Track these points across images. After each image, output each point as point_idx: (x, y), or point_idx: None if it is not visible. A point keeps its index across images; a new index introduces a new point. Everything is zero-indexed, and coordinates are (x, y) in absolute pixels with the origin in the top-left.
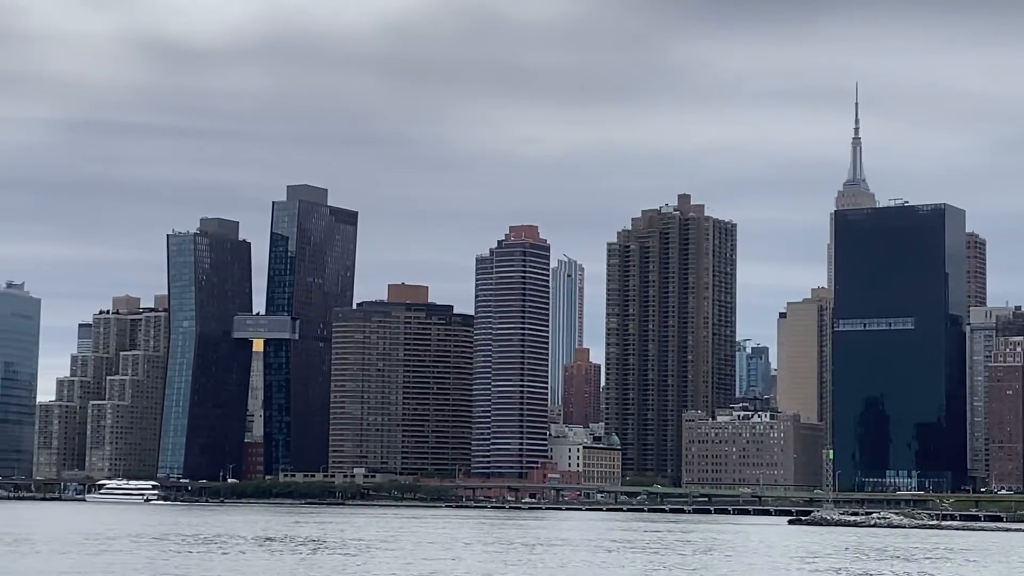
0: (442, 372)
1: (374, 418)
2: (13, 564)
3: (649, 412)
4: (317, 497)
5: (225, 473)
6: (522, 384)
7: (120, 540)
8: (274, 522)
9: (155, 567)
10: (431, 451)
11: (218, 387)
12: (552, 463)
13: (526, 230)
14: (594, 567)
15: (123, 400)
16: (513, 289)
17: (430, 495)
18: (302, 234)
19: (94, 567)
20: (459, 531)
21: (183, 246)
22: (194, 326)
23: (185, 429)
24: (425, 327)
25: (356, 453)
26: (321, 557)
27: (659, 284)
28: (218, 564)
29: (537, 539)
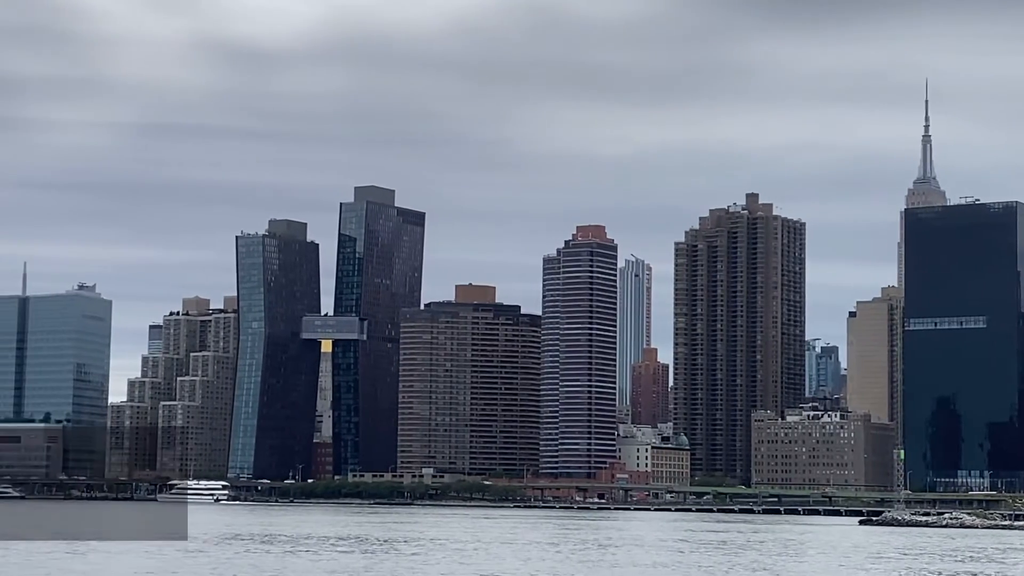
0: (510, 372)
1: (442, 418)
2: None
3: (718, 412)
4: (385, 497)
5: (294, 473)
6: (590, 384)
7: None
8: (345, 522)
9: (233, 567)
10: (499, 451)
11: (287, 388)
12: (620, 463)
13: (593, 230)
14: (667, 568)
15: (193, 401)
16: (580, 289)
17: (498, 495)
18: (370, 235)
19: (174, 567)
20: (531, 531)
21: (252, 248)
22: (263, 327)
23: (255, 430)
24: (493, 327)
25: (424, 453)
26: (394, 557)
27: (727, 283)
28: (295, 564)
29: (609, 539)
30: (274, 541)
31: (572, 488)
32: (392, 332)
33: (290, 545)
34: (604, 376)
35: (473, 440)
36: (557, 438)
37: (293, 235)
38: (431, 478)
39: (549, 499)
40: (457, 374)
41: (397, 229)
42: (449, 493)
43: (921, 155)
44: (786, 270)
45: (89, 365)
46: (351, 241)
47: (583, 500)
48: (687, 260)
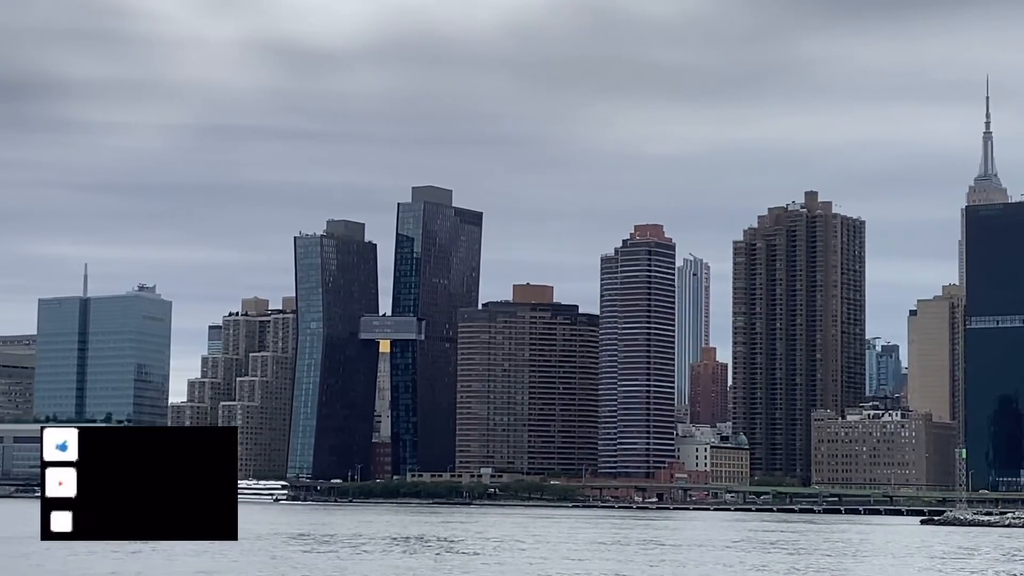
0: (568, 372)
1: (500, 418)
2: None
3: (777, 411)
4: (444, 497)
5: (353, 473)
6: (648, 383)
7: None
8: (405, 522)
9: (295, 567)
10: (557, 451)
11: (346, 388)
12: (679, 463)
13: (651, 229)
14: (732, 568)
15: (252, 401)
16: (638, 288)
17: (557, 495)
18: (427, 235)
19: (241, 566)
20: (591, 531)
21: (310, 248)
22: (321, 327)
23: (314, 430)
24: (550, 327)
25: (483, 453)
26: (456, 556)
27: (786, 282)
28: (359, 563)
29: (671, 539)
30: (335, 541)
31: (631, 488)
32: (450, 332)
33: (352, 545)
34: (662, 375)
35: (531, 440)
36: (615, 438)
37: (351, 235)
38: (489, 478)
39: (607, 499)
40: (515, 374)
41: (455, 229)
42: (508, 493)
43: (982, 152)
44: (846, 268)
45: (149, 365)
46: (409, 241)
47: (642, 500)
48: (746, 259)
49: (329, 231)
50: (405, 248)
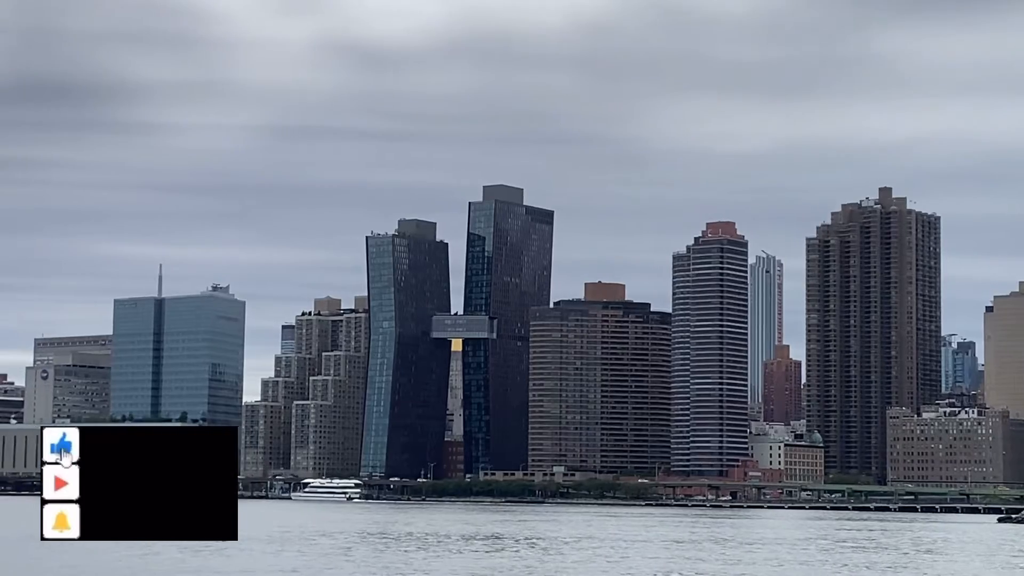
0: (640, 370)
1: (573, 416)
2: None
3: (852, 409)
4: (517, 495)
5: (426, 472)
6: (721, 381)
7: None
8: (479, 520)
9: (377, 564)
10: (630, 449)
11: (418, 386)
12: (753, 461)
13: (723, 226)
14: (812, 566)
15: (326, 400)
16: (711, 286)
17: (630, 493)
18: (499, 234)
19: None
20: (666, 530)
21: (382, 248)
22: (394, 326)
23: (386, 428)
24: (622, 325)
25: (555, 451)
26: (536, 555)
27: (860, 279)
28: (439, 562)
29: (748, 538)
30: (412, 540)
31: (704, 486)
32: (522, 330)
33: (430, 544)
34: (735, 373)
35: (604, 438)
36: (688, 436)
37: (423, 235)
38: (562, 476)
39: (681, 497)
40: (587, 372)
41: (526, 228)
42: (580, 492)
43: None
44: (921, 265)
45: (224, 365)
46: (480, 240)
47: (715, 498)
48: (819, 256)
49: (401, 231)
50: (476, 247)
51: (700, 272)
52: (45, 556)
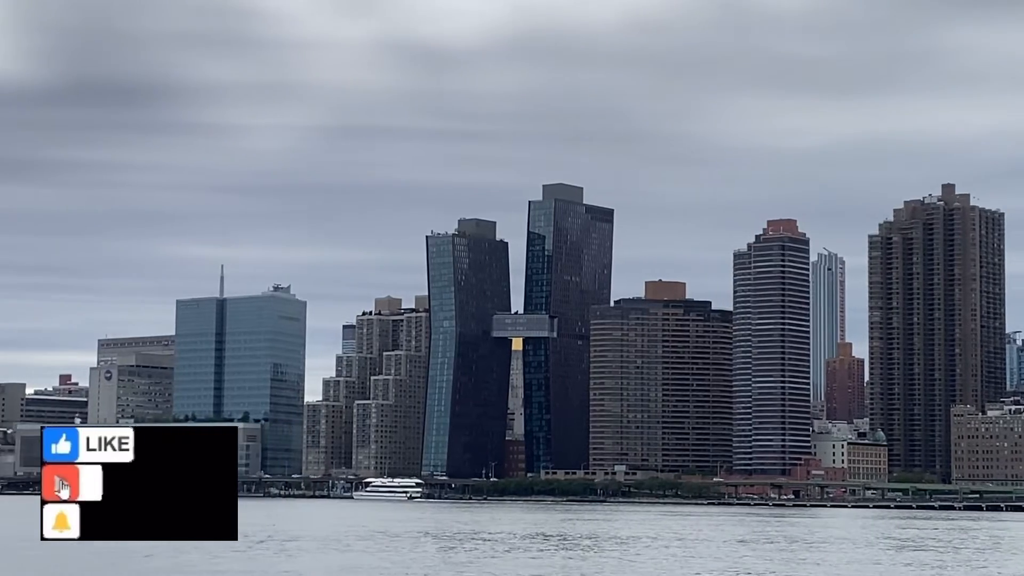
0: (701, 368)
1: (634, 415)
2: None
3: (915, 407)
4: (578, 494)
5: (487, 471)
6: (783, 380)
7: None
8: (542, 519)
9: (446, 563)
10: (691, 448)
11: (479, 386)
12: (816, 460)
13: (784, 224)
14: (880, 566)
15: (387, 400)
16: (772, 284)
17: (691, 492)
18: (559, 233)
19: (379, 564)
20: (731, 528)
21: (442, 247)
22: (454, 326)
23: (447, 427)
24: (683, 323)
25: (616, 450)
26: (601, 554)
27: (923, 276)
28: (505, 561)
29: (813, 537)
30: (477, 539)
31: (766, 485)
32: (582, 329)
33: (495, 543)
34: (797, 371)
35: (665, 437)
36: (750, 434)
37: (482, 234)
38: (623, 475)
39: (743, 496)
40: (648, 371)
41: (586, 226)
42: (642, 490)
43: None
44: (984, 261)
45: (285, 365)
46: (540, 239)
47: (778, 497)
48: (881, 253)
49: (461, 230)
50: (536, 246)
51: (761, 270)
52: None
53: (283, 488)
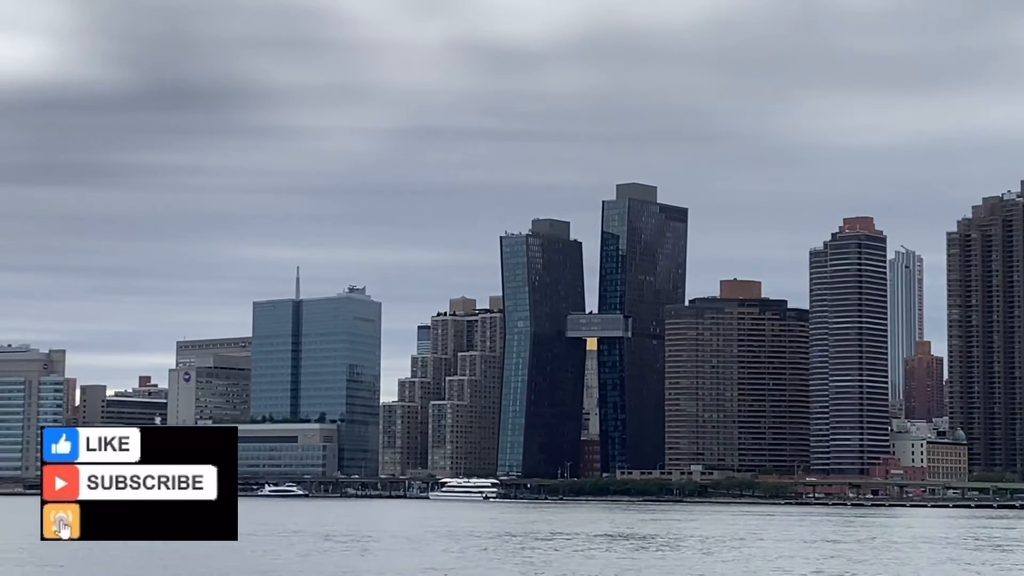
0: (778, 368)
1: (710, 415)
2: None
3: (995, 405)
4: (654, 494)
5: (563, 471)
6: (861, 379)
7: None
8: (621, 519)
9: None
10: (768, 448)
11: (553, 386)
12: (895, 459)
13: (861, 222)
14: (971, 565)
15: (462, 400)
16: (849, 282)
17: (769, 492)
18: (633, 232)
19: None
20: (816, 528)
21: (516, 247)
22: (528, 326)
23: (522, 428)
24: (759, 322)
25: (692, 450)
26: (684, 554)
27: (1002, 273)
28: (586, 561)
29: (898, 537)
30: (554, 538)
31: (844, 485)
32: (657, 329)
33: (573, 542)
34: (875, 370)
35: (742, 436)
36: (828, 434)
37: (556, 234)
38: (700, 475)
39: (821, 496)
40: (724, 370)
41: (660, 226)
42: (718, 490)
43: None
44: None
45: (361, 366)
46: (614, 239)
47: (856, 497)
48: (960, 250)
49: (535, 230)
50: (610, 246)
51: (838, 268)
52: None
53: (359, 488)
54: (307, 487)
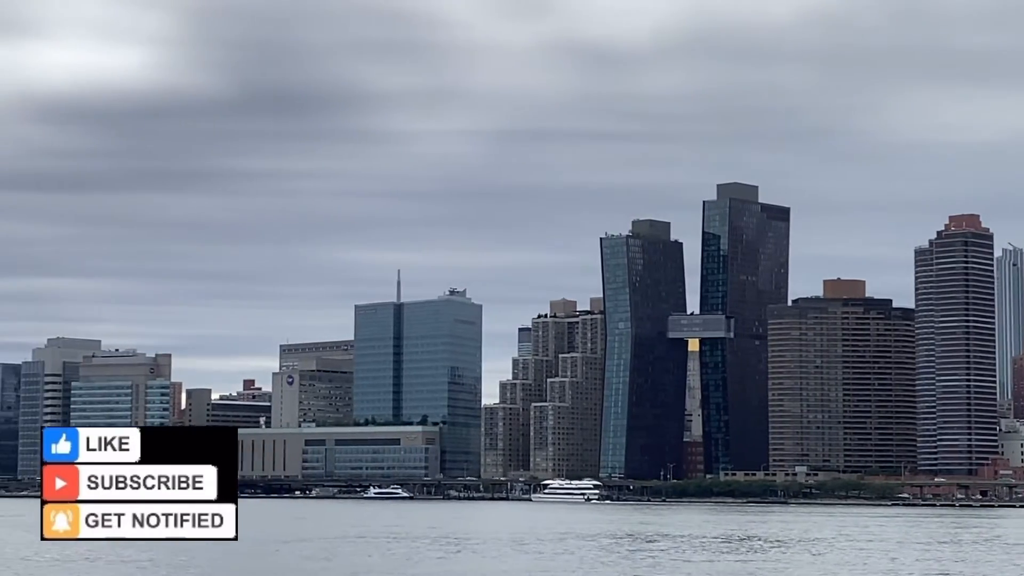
0: (883, 367)
1: (814, 415)
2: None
3: None
4: (758, 496)
5: (665, 472)
6: (968, 378)
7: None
8: (727, 521)
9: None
10: (874, 448)
11: (655, 387)
12: (1003, 459)
13: (967, 219)
14: None
15: (563, 402)
16: (955, 281)
17: (875, 493)
18: (734, 232)
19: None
20: (928, 530)
21: (616, 248)
22: (629, 327)
23: (625, 429)
24: (863, 322)
25: (797, 451)
26: (792, 555)
27: None
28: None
29: (1013, 538)
30: (663, 539)
31: (953, 485)
32: (759, 329)
33: (681, 544)
34: (983, 369)
35: (847, 437)
36: (935, 434)
37: (657, 235)
38: (804, 476)
39: (928, 497)
40: (828, 370)
41: (761, 225)
42: (823, 492)
43: None
44: None
45: (462, 368)
46: (715, 239)
47: (965, 498)
48: None
49: (635, 231)
50: (712, 246)
51: (944, 266)
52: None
53: (461, 490)
54: (410, 489)
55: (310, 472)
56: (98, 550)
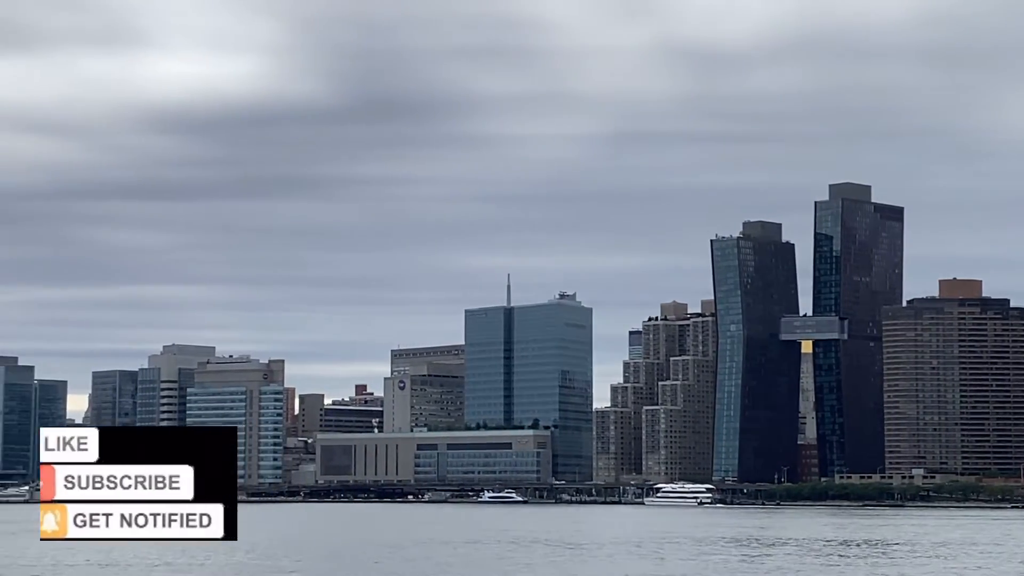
0: (1000, 368)
1: (930, 417)
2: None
3: None
4: (874, 499)
5: (779, 475)
6: None
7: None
8: (843, 524)
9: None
10: (992, 450)
11: (768, 390)
12: None
13: None
14: None
15: (675, 405)
16: None
17: (994, 495)
18: (846, 233)
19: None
20: None
21: (727, 250)
22: (741, 330)
23: (737, 432)
24: (980, 322)
25: (913, 454)
26: (919, 558)
27: None
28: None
29: None
30: (783, 544)
31: None
32: (873, 330)
33: (801, 548)
34: None
35: (964, 439)
36: None
37: (768, 236)
38: (921, 479)
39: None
40: (944, 372)
41: (875, 225)
42: (941, 494)
43: None
44: None
45: (573, 372)
46: (828, 240)
47: None
48: None
49: (746, 232)
50: (824, 247)
51: None
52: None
53: (574, 494)
54: (522, 493)
55: (422, 476)
56: None
